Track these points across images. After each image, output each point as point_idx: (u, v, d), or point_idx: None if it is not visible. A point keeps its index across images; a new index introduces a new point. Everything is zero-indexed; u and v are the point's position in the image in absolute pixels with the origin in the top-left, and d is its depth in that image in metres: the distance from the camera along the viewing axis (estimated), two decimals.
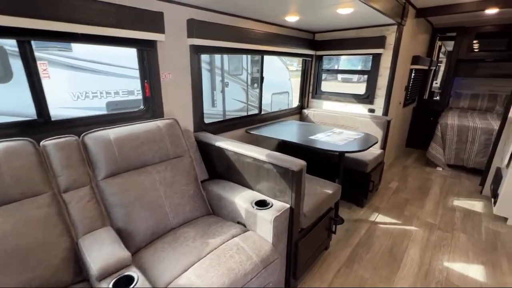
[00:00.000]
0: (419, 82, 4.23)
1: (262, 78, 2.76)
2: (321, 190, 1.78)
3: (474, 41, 4.01)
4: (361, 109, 2.98)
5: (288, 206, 1.39)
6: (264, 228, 1.33)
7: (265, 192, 1.53)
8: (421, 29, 3.56)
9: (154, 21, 1.53)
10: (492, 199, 2.56)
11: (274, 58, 6.08)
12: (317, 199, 1.67)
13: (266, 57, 2.80)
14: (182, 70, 1.84)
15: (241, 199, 1.48)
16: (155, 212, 1.37)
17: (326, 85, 3.31)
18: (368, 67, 2.83)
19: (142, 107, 1.74)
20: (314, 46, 3.05)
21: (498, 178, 2.56)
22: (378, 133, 2.70)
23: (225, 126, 2.36)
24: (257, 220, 1.35)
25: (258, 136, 2.48)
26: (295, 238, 1.47)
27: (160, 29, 1.57)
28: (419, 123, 4.40)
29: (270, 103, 6.31)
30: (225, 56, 5.11)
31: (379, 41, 2.61)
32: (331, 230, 1.88)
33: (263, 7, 1.90)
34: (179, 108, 1.89)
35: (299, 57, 3.03)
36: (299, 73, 3.42)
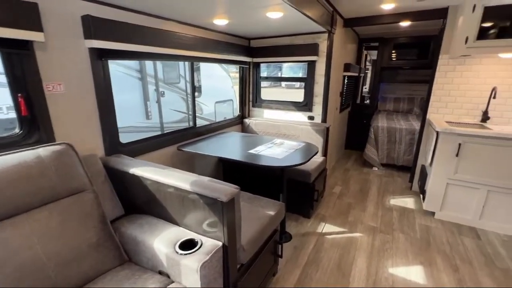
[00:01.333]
0: (352, 88, 4.51)
1: (194, 88, 2.47)
2: (263, 213, 1.58)
3: (393, 51, 4.47)
4: (301, 116, 2.95)
5: (220, 244, 1.14)
6: (190, 278, 1.05)
7: (193, 227, 1.24)
8: (349, 39, 3.78)
9: (24, 14, 1.13)
10: (421, 195, 2.76)
11: (215, 65, 5.85)
12: (259, 225, 1.46)
13: (205, 65, 2.54)
14: (80, 80, 1.45)
15: (162, 241, 1.17)
16: (29, 280, 0.96)
17: (267, 93, 3.21)
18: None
19: (18, 130, 1.28)
20: (251, 53, 2.92)
21: (423, 175, 2.78)
22: (318, 141, 2.68)
23: (151, 144, 1.99)
24: (181, 269, 1.06)
25: (192, 154, 2.18)
26: (233, 279, 1.22)
27: (34, 25, 1.16)
28: (355, 126, 4.69)
29: (214, 112, 6.04)
30: (159, 63, 4.66)
31: (313, 49, 2.60)
32: (277, 254, 1.69)
33: (183, 6, 1.64)
34: (80, 128, 1.48)
35: (235, 64, 2.85)
36: None
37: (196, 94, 5.49)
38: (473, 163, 2.25)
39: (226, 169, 2.75)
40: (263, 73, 3.12)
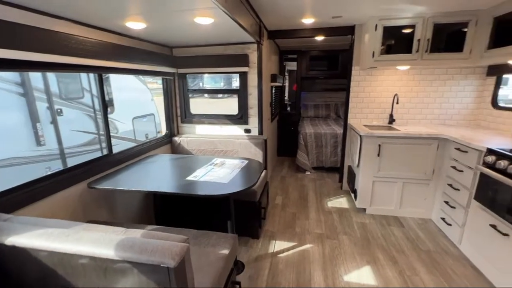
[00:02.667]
0: (278, 98, 4.67)
1: (106, 105, 1.97)
2: (216, 254, 1.31)
3: (310, 62, 4.88)
4: (238, 130, 2.79)
5: None
6: None
7: None
8: (273, 50, 3.89)
9: None
10: (352, 194, 3.00)
11: (129, 76, 5.12)
12: (214, 273, 1.18)
13: (116, 75, 2.06)
14: None
15: None
16: None
17: (197, 107, 2.92)
18: (231, 84, 2.69)
19: None
20: (174, 63, 2.59)
21: (352, 176, 3.03)
22: (258, 154, 2.57)
23: (44, 187, 1.43)
24: None
25: (111, 191, 1.70)
26: None
27: None
28: (284, 133, 4.87)
29: (133, 130, 5.25)
30: (52, 73, 3.70)
31: (243, 59, 2.50)
32: None
33: (81, 3, 1.24)
34: None
35: (157, 76, 2.46)
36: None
37: (108, 110, 4.66)
38: (391, 161, 2.56)
39: (158, 204, 2.30)
40: (191, 85, 2.83)
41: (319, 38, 3.54)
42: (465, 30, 2.40)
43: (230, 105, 2.79)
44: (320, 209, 2.90)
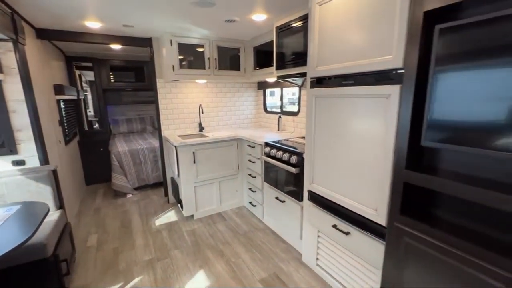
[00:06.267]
0: (74, 113, 3.75)
1: None
2: None
3: (111, 73, 4.33)
4: (0, 164, 1.90)
5: None
6: None
7: None
8: (53, 55, 3.04)
9: None
10: (179, 205, 3.00)
11: None
12: None
13: None
14: None
15: None
16: None
17: None
18: None
19: None
20: None
21: (175, 186, 3.03)
22: (44, 192, 1.89)
23: None
24: None
25: None
26: None
27: None
28: (91, 156, 4.01)
29: None
30: None
31: None
32: None
33: None
34: None
35: None
36: None
37: None
38: (206, 165, 2.82)
39: None
40: None
41: (116, 46, 3.21)
42: (239, 54, 3.10)
43: None
44: (147, 231, 2.65)
